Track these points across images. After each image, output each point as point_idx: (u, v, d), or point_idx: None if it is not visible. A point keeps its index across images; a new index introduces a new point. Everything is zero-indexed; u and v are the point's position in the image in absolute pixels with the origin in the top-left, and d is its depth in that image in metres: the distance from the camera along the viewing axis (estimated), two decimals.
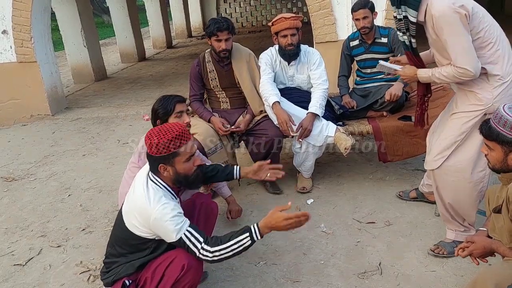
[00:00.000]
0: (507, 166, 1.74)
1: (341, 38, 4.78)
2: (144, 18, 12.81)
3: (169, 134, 1.90)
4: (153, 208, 1.87)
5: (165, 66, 9.47)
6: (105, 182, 3.87)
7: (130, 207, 1.98)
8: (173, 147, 1.90)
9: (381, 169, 3.58)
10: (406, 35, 2.31)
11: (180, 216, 1.89)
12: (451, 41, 2.12)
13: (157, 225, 1.87)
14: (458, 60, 2.13)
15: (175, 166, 1.93)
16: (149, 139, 1.92)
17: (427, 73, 2.33)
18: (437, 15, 2.10)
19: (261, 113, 3.25)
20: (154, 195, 1.91)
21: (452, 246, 2.46)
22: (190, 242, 1.87)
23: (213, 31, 3.06)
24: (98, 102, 6.74)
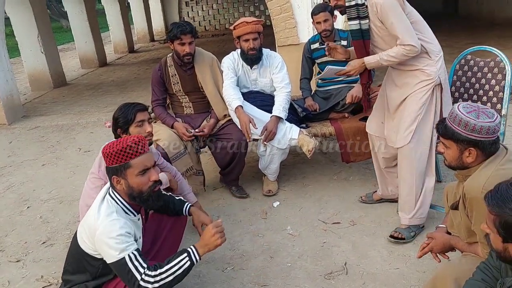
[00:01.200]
0: (463, 163, 1.80)
1: (302, 41, 4.84)
2: (104, 23, 12.53)
3: (122, 143, 1.83)
4: (100, 222, 1.77)
5: (127, 71, 9.30)
6: (66, 192, 3.75)
7: (84, 221, 1.89)
8: (125, 158, 1.81)
9: (345, 170, 3.65)
10: (357, 21, 2.47)
11: (128, 236, 1.77)
12: (396, 23, 2.36)
13: (100, 240, 1.75)
14: (404, 38, 2.37)
15: (127, 179, 1.83)
16: (104, 149, 1.86)
17: (375, 58, 2.51)
18: (381, 2, 2.36)
19: (225, 117, 3.24)
20: (105, 209, 1.82)
21: (408, 232, 2.65)
22: (133, 265, 1.74)
23: (177, 35, 3.03)
24: (57, 110, 6.53)
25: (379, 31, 2.48)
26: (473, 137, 1.72)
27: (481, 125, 1.71)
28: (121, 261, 1.74)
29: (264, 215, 3.09)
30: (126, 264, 1.74)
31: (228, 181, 3.39)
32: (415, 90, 2.51)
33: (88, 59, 9.92)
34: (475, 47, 2.85)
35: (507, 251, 1.36)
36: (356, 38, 2.54)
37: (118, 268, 1.77)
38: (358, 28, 2.48)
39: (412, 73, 2.52)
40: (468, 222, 1.79)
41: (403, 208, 2.68)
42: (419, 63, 2.48)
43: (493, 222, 1.36)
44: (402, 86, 2.56)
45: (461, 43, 7.76)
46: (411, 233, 2.64)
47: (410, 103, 2.52)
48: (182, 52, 3.10)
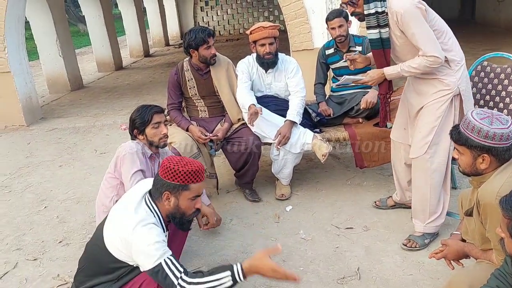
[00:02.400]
0: (476, 169, 1.79)
1: (316, 46, 4.86)
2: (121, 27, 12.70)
3: (189, 166, 1.84)
4: (139, 229, 1.77)
5: (143, 75, 9.41)
6: (82, 193, 3.81)
7: (115, 227, 1.87)
8: (188, 180, 1.83)
9: (358, 175, 3.64)
10: (376, 30, 2.40)
11: (164, 244, 1.79)
12: (418, 34, 2.29)
13: (137, 247, 1.76)
14: (427, 49, 2.29)
15: (179, 199, 1.86)
16: (169, 163, 1.85)
17: (395, 69, 2.44)
18: (402, 11, 2.28)
19: (239, 121, 3.27)
20: (144, 217, 1.82)
21: (422, 239, 2.59)
22: (170, 270, 1.74)
23: (204, 38, 3.08)
24: (74, 112, 6.64)
25: (399, 40, 2.41)
26: (486, 144, 1.72)
27: (495, 131, 1.70)
28: (158, 267, 1.74)
29: (277, 219, 3.11)
30: (163, 269, 1.74)
31: (243, 183, 3.42)
32: (432, 100, 2.44)
33: (104, 63, 10.06)
34: (492, 53, 2.84)
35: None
36: (376, 47, 2.47)
37: (155, 274, 1.76)
38: (378, 37, 2.42)
39: (430, 82, 2.45)
40: (482, 229, 1.78)
41: (417, 215, 2.65)
42: (438, 72, 2.41)
43: (507, 226, 1.36)
44: (420, 93, 2.51)
45: (478, 49, 7.68)
46: (425, 240, 2.60)
47: (427, 113, 2.47)
48: (209, 55, 3.15)
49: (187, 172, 1.83)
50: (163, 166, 1.86)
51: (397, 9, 2.29)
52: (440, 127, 2.44)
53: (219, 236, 2.94)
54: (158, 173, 1.88)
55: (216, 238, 2.91)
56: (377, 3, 2.34)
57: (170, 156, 1.91)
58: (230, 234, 2.97)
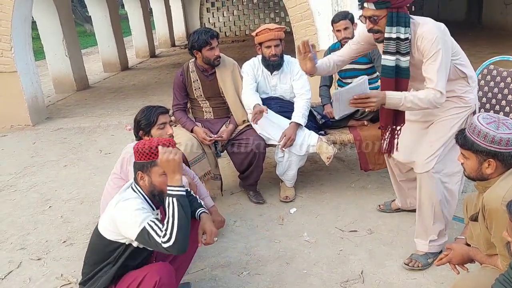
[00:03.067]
0: (482, 174, 1.78)
1: (322, 48, 4.85)
2: (127, 27, 12.75)
3: (153, 142, 1.91)
4: (120, 204, 1.87)
5: (148, 76, 9.44)
6: (86, 193, 3.83)
7: (106, 211, 1.98)
8: (153, 156, 1.89)
9: (363, 178, 3.63)
10: (394, 57, 2.22)
11: (144, 211, 1.85)
12: (439, 66, 2.14)
13: (121, 222, 1.84)
14: (439, 84, 2.16)
15: (151, 176, 1.92)
16: (136, 145, 1.94)
17: (399, 96, 2.21)
18: (435, 36, 2.13)
19: (244, 123, 3.27)
20: (126, 196, 1.91)
21: (425, 258, 2.50)
22: (153, 231, 1.80)
23: (207, 40, 3.09)
24: (79, 112, 6.67)
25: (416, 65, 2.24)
26: (492, 149, 1.70)
27: (501, 136, 1.69)
28: (143, 231, 1.81)
29: (281, 221, 3.10)
30: (148, 233, 1.80)
31: (247, 185, 3.42)
32: (449, 115, 2.34)
33: (110, 63, 10.10)
34: (498, 57, 2.82)
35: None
36: (388, 75, 2.26)
37: (143, 239, 1.82)
38: (393, 65, 2.22)
39: (449, 99, 2.31)
40: (488, 234, 1.77)
41: (420, 234, 2.54)
42: (458, 89, 2.31)
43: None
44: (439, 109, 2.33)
45: (484, 53, 7.65)
46: (428, 259, 2.48)
47: (441, 127, 2.36)
48: (213, 56, 3.16)
49: (150, 148, 1.88)
50: (133, 149, 1.93)
51: (429, 33, 2.14)
52: (451, 141, 2.30)
53: (223, 238, 2.94)
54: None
55: (219, 240, 2.91)
56: (401, 29, 2.16)
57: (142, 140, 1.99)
58: (233, 235, 2.97)
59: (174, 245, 1.79)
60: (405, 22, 2.17)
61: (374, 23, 2.23)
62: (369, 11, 2.19)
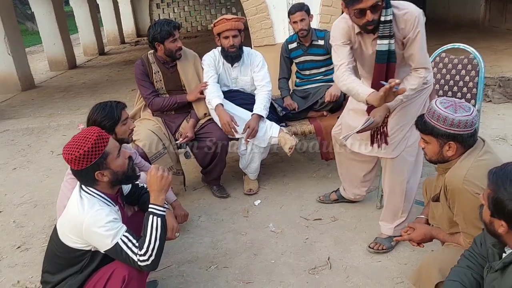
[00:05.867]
0: (443, 157, 1.84)
1: (278, 41, 4.87)
2: (73, 25, 12.24)
3: (88, 140, 1.79)
4: (85, 214, 1.76)
5: (98, 74, 9.11)
6: (40, 196, 3.64)
7: (64, 218, 1.87)
8: (100, 149, 1.80)
9: (324, 167, 3.69)
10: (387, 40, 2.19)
11: (115, 222, 1.79)
12: (419, 44, 2.19)
13: (90, 231, 1.75)
14: (424, 60, 2.23)
15: (111, 166, 1.84)
16: (70, 155, 1.78)
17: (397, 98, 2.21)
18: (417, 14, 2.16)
19: (206, 116, 3.21)
20: (87, 203, 1.81)
21: (389, 241, 2.57)
22: (128, 247, 1.76)
23: (170, 31, 3.00)
24: (27, 113, 6.33)
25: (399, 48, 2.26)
26: (452, 131, 1.77)
27: (459, 119, 1.76)
28: (116, 247, 1.76)
29: (246, 213, 3.09)
30: (121, 249, 1.77)
31: (210, 180, 3.37)
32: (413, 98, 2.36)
33: (57, 61, 9.67)
34: (449, 45, 2.94)
35: (492, 224, 1.43)
36: (382, 61, 2.24)
37: (115, 254, 1.79)
38: (387, 49, 2.20)
39: None
40: (450, 213, 1.84)
41: (387, 218, 2.61)
42: None
43: (487, 195, 1.42)
44: None
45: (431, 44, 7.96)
46: (392, 242, 2.55)
47: (410, 110, 2.37)
48: (175, 48, 3.07)
49: (93, 146, 1.78)
50: (69, 160, 1.81)
51: (411, 13, 2.16)
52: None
53: (188, 234, 2.89)
54: (72, 168, 1.83)
55: (185, 236, 2.86)
56: (388, 10, 2.14)
57: (64, 150, 1.84)
58: (199, 230, 2.93)
59: (151, 263, 1.78)
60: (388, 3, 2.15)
61: (375, 12, 2.12)
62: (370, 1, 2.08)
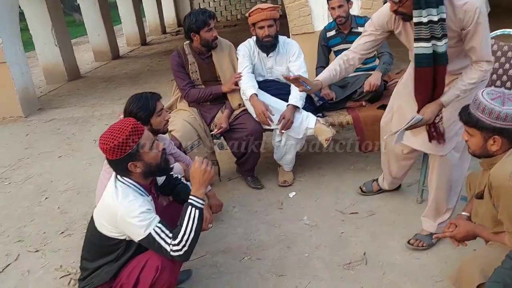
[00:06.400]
0: (487, 151, 1.75)
1: (317, 29, 4.77)
2: (117, 16, 12.54)
3: (123, 131, 1.82)
4: (120, 204, 1.80)
5: (140, 64, 9.31)
6: (82, 183, 3.77)
7: (100, 207, 1.93)
8: (135, 141, 1.83)
9: (362, 159, 3.59)
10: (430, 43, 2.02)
11: (149, 213, 1.81)
12: (485, 35, 2.04)
13: (124, 221, 1.79)
14: (486, 53, 2.07)
15: (143, 158, 1.86)
16: (105, 145, 1.81)
17: (453, 94, 2.13)
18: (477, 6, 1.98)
19: (240, 107, 3.20)
20: (121, 192, 1.84)
21: (430, 238, 2.46)
22: (160, 238, 1.79)
23: (205, 20, 3.00)
24: (72, 102, 6.57)
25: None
26: (498, 125, 1.66)
27: (506, 112, 1.65)
28: (149, 237, 1.78)
29: (280, 205, 3.07)
30: (154, 239, 1.79)
31: (244, 171, 3.37)
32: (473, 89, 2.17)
33: (101, 52, 9.95)
34: (498, 31, 2.76)
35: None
36: (424, 64, 2.06)
37: (147, 243, 1.81)
38: (431, 52, 2.02)
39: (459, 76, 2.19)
40: (494, 211, 1.74)
41: (430, 214, 2.51)
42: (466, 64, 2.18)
43: None
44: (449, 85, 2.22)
45: None
46: (433, 240, 2.43)
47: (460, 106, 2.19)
48: (211, 37, 3.07)
49: (127, 136, 1.80)
50: (104, 150, 1.83)
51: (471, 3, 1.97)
52: None
53: (222, 224, 2.91)
54: (107, 158, 1.86)
55: (219, 226, 2.88)
56: (432, 10, 1.94)
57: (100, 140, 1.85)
58: (233, 221, 2.94)
59: (184, 254, 1.80)
60: (436, 1, 1.93)
61: (398, 4, 2.02)
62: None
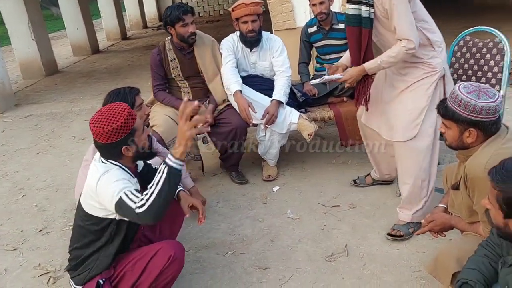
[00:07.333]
0: (463, 143, 1.79)
1: (299, 25, 4.77)
2: (96, 9, 12.34)
3: (121, 115, 1.81)
4: (102, 177, 1.81)
5: (120, 58, 9.19)
6: (61, 180, 3.72)
7: (85, 190, 1.91)
8: (130, 125, 1.83)
9: (343, 154, 3.64)
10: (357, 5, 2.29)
11: (125, 181, 1.80)
12: (401, 15, 2.21)
13: (101, 188, 1.78)
14: (404, 31, 2.23)
15: (136, 142, 1.87)
16: (102, 128, 1.79)
17: (375, 62, 2.36)
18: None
19: (224, 102, 3.20)
20: (104, 168, 1.85)
21: (407, 228, 2.54)
22: (129, 199, 1.74)
23: (179, 16, 2.98)
24: (50, 98, 6.45)
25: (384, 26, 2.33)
26: (473, 118, 1.71)
27: (482, 105, 1.69)
28: (119, 201, 1.75)
29: (264, 199, 3.09)
30: (124, 202, 1.74)
31: (228, 166, 3.37)
32: (418, 82, 2.40)
33: (80, 47, 9.78)
34: (474, 28, 2.82)
35: (507, 226, 1.38)
36: (353, 24, 2.34)
37: (120, 209, 1.76)
38: (358, 13, 2.30)
39: (416, 65, 2.40)
40: (470, 202, 1.79)
41: (406, 205, 2.57)
42: (423, 55, 2.36)
43: (495, 197, 1.36)
44: (406, 75, 2.44)
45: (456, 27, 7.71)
46: (410, 229, 2.53)
47: (415, 94, 2.41)
48: (186, 33, 3.04)
49: (125, 121, 1.80)
50: (98, 134, 1.80)
51: None
52: (429, 107, 2.38)
53: (206, 219, 2.84)
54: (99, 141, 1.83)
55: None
56: None
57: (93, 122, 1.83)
58: (217, 216, 2.94)
59: (147, 211, 1.70)
60: None
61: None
62: None
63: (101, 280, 1.91)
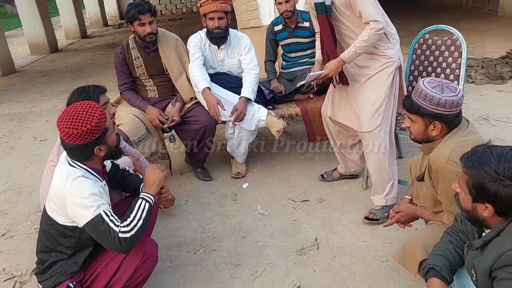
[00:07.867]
0: (428, 136, 1.87)
1: (264, 23, 4.81)
2: (54, 7, 11.94)
3: (93, 115, 1.77)
4: (69, 185, 1.75)
5: (81, 57, 8.95)
6: (23, 182, 3.59)
7: (50, 195, 1.86)
8: (103, 125, 1.80)
9: (310, 149, 3.69)
10: None
11: (100, 196, 1.77)
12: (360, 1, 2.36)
13: (72, 203, 1.73)
14: (370, 14, 2.37)
15: (108, 141, 1.85)
16: (75, 129, 1.74)
17: (351, 51, 2.47)
18: None
19: (192, 100, 3.18)
20: (72, 173, 1.79)
21: (382, 212, 2.67)
22: (110, 220, 1.73)
23: (135, 15, 2.93)
24: (8, 98, 6.21)
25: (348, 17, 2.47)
26: (438, 111, 1.78)
27: (446, 99, 1.77)
28: (98, 217, 1.72)
29: (234, 196, 3.10)
30: (103, 219, 1.72)
31: (194, 162, 3.36)
32: (378, 71, 2.54)
33: (38, 45, 9.46)
34: (433, 26, 2.94)
35: (475, 210, 1.45)
36: (321, 11, 2.49)
37: (95, 226, 1.73)
38: (322, 1, 2.45)
39: (373, 57, 2.55)
40: (434, 192, 1.87)
41: (378, 190, 2.69)
42: (379, 46, 2.51)
43: (466, 182, 1.43)
44: (364, 67, 2.60)
45: (416, 26, 7.98)
46: (385, 213, 2.65)
47: (376, 85, 2.55)
48: (143, 33, 2.99)
49: (98, 121, 1.78)
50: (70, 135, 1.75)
51: None
52: (388, 96, 2.55)
53: (176, 218, 2.89)
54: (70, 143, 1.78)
55: (172, 220, 2.86)
56: None
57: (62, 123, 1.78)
58: (186, 215, 2.93)
59: (130, 238, 1.74)
60: None
61: None
62: None
63: (71, 284, 1.86)
